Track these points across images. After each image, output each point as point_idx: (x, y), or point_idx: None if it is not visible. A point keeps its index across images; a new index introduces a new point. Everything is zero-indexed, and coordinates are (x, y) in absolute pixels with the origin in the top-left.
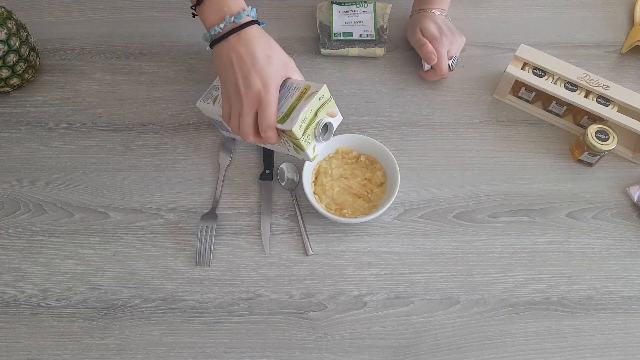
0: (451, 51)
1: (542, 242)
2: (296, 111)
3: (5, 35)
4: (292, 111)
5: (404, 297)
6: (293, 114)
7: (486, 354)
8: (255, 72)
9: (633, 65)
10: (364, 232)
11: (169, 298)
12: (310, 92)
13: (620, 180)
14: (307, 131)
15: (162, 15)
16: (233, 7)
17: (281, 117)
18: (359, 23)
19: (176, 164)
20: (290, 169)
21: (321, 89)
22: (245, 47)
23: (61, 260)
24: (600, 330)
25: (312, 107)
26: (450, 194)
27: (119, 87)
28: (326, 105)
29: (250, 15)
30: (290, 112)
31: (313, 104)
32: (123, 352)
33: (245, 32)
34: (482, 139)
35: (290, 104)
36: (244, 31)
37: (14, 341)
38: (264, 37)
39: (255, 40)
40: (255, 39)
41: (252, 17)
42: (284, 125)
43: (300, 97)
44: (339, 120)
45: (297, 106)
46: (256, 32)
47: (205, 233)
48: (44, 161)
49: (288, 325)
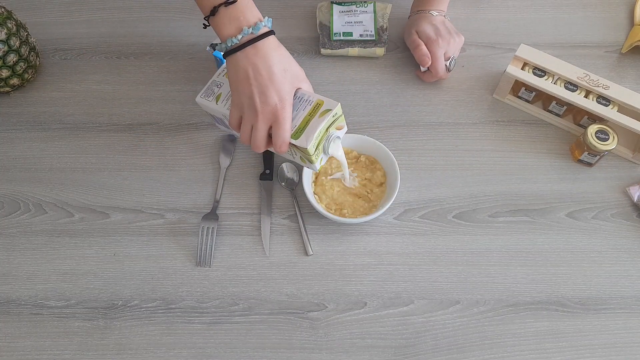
0: (448, 52)
1: (542, 242)
2: (310, 128)
3: (5, 35)
4: (305, 126)
5: (404, 297)
6: (307, 131)
7: (486, 354)
8: (273, 87)
9: (633, 65)
10: (364, 232)
11: (169, 298)
12: (323, 108)
13: (620, 180)
14: (318, 147)
15: (162, 15)
16: (250, 17)
17: (294, 131)
18: (359, 23)
19: (176, 164)
20: (290, 169)
21: (335, 107)
22: (262, 60)
23: (61, 260)
24: (600, 330)
25: (326, 125)
26: (450, 194)
27: (119, 87)
28: (337, 121)
29: (267, 26)
30: (303, 126)
31: (327, 123)
32: (123, 352)
33: (262, 44)
34: (482, 139)
35: (303, 117)
36: (261, 43)
37: (14, 341)
38: (280, 50)
39: (272, 54)
40: (272, 52)
41: (269, 27)
42: (298, 142)
43: (313, 111)
44: (345, 131)
45: (310, 122)
46: (273, 44)
47: (206, 233)
48: (44, 161)
49: (288, 325)
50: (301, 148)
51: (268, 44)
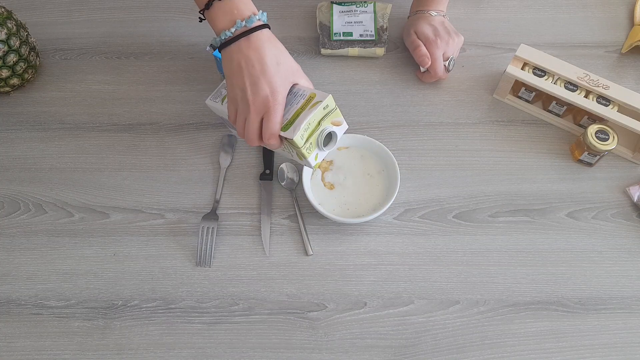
0: (447, 52)
1: (542, 242)
2: (299, 120)
3: (5, 35)
4: (296, 119)
5: (404, 297)
6: (296, 123)
7: (486, 354)
8: (264, 79)
9: (633, 65)
10: (364, 232)
11: (169, 298)
12: (315, 101)
13: (620, 180)
14: (309, 140)
15: (162, 15)
16: (244, 10)
17: (285, 124)
18: (359, 23)
19: (176, 164)
20: (290, 169)
21: (326, 98)
22: (255, 52)
23: (61, 260)
24: (600, 330)
25: (315, 117)
26: (450, 194)
27: (119, 87)
28: (331, 115)
29: (261, 20)
30: (293, 119)
31: (316, 114)
32: (123, 352)
33: (256, 37)
34: (482, 139)
35: (295, 111)
36: (254, 35)
37: (14, 341)
38: (274, 42)
39: (265, 46)
40: (265, 44)
41: (263, 21)
42: (286, 133)
43: (306, 104)
44: (344, 128)
45: (300, 114)
46: (267, 37)
47: (206, 233)
48: (44, 161)
49: (288, 325)
50: (289, 140)
51: (261, 37)
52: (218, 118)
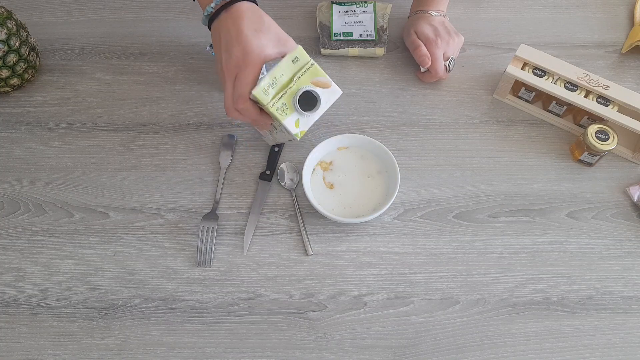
0: (447, 52)
1: (542, 242)
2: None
3: (5, 35)
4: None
5: (404, 297)
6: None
7: (486, 354)
8: (238, 44)
9: (633, 65)
10: (364, 232)
11: (169, 298)
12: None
13: (620, 180)
14: (281, 100)
15: (162, 15)
16: None
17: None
18: (359, 23)
19: (176, 164)
20: (290, 169)
21: (295, 49)
22: (232, 21)
23: (61, 260)
24: (600, 330)
25: (281, 70)
26: (450, 194)
27: (119, 87)
28: (307, 72)
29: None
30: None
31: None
32: (123, 352)
33: (235, 8)
34: (482, 139)
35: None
36: (234, 6)
37: (14, 341)
38: (256, 13)
39: (244, 15)
40: (244, 14)
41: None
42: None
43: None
44: (337, 93)
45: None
46: (247, 7)
47: (206, 233)
48: (44, 161)
49: (288, 325)
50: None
51: (241, 7)
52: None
